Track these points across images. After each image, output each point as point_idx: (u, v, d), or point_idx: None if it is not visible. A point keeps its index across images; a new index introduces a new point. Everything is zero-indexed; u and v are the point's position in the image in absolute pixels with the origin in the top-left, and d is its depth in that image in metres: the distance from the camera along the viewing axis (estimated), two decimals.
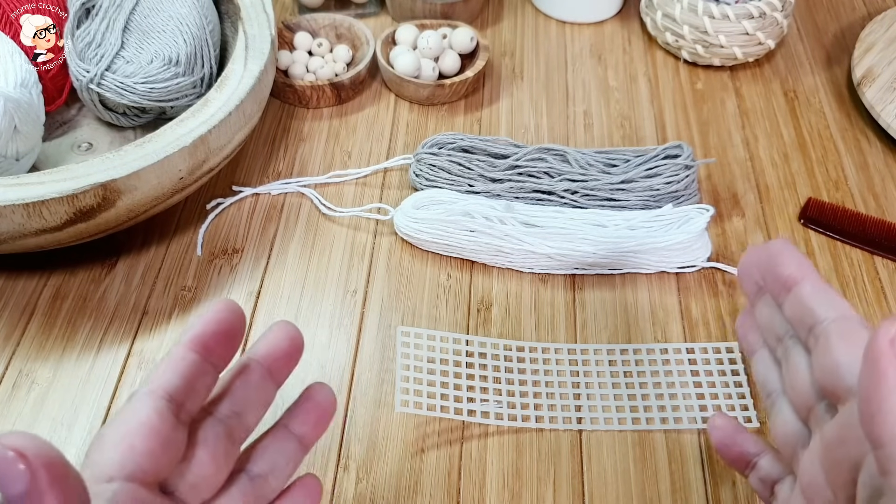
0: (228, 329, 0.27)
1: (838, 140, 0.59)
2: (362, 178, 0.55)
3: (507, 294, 0.49)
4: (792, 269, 0.28)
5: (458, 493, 0.40)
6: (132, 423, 0.25)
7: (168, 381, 0.26)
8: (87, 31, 0.52)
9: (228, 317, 0.27)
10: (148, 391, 0.26)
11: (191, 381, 0.26)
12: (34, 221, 0.42)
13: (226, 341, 0.27)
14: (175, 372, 0.26)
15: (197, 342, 0.26)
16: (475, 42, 0.62)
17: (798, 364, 0.28)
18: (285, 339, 0.29)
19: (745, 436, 0.35)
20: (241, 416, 0.28)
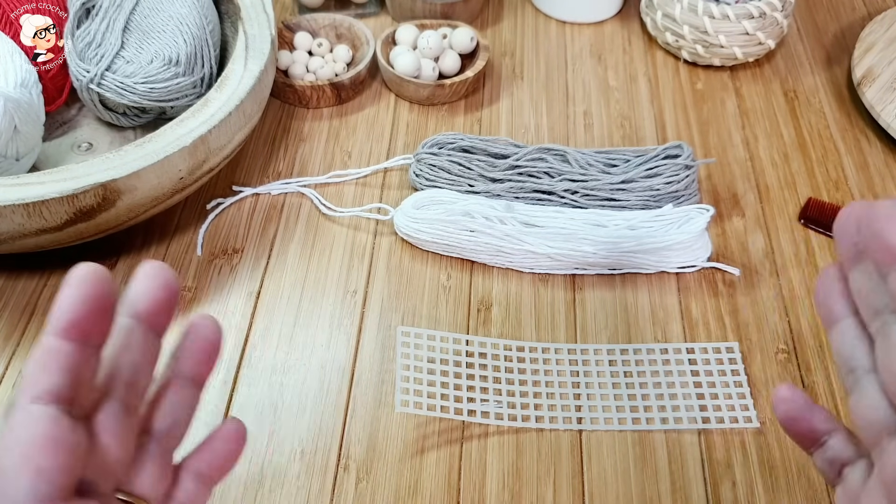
0: (100, 304, 0.23)
1: (838, 140, 0.59)
2: (362, 178, 0.55)
3: (507, 294, 0.49)
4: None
5: (458, 493, 0.40)
6: (30, 441, 0.22)
7: (51, 382, 0.22)
8: (87, 31, 0.52)
9: (97, 289, 0.23)
10: (32, 398, 0.22)
11: (76, 374, 0.23)
12: (34, 221, 0.42)
13: (100, 318, 0.23)
14: (56, 369, 0.22)
15: (70, 328, 0.23)
16: (475, 42, 0.62)
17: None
18: (159, 284, 0.25)
19: (816, 410, 0.31)
20: (133, 384, 0.25)
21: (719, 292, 0.49)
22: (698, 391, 0.44)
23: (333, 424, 0.43)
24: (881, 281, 0.26)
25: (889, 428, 0.26)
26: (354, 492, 0.40)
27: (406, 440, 0.42)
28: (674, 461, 0.42)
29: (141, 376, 0.26)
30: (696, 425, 0.43)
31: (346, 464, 0.41)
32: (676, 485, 0.41)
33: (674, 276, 0.50)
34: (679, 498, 0.40)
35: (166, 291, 0.25)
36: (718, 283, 0.50)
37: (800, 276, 0.50)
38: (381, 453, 0.42)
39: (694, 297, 0.49)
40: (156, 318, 0.26)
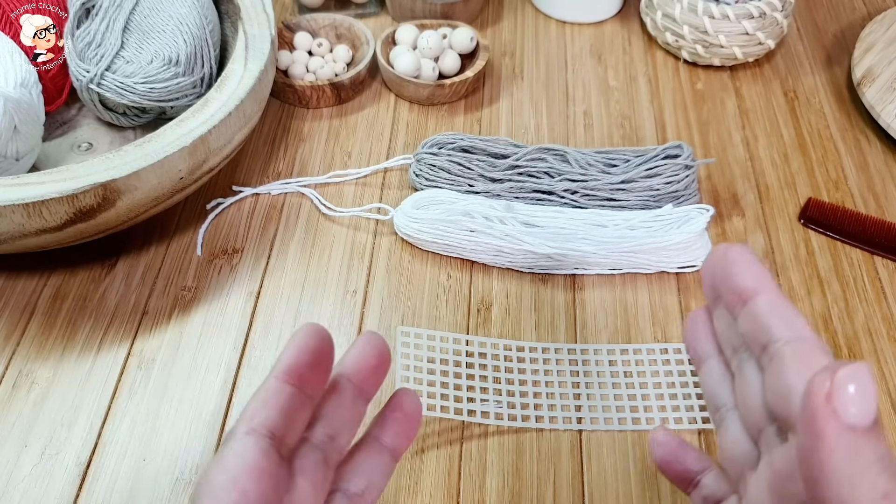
0: (320, 357, 0.26)
1: (838, 140, 0.59)
2: (362, 178, 0.55)
3: (507, 294, 0.49)
4: (749, 280, 0.26)
5: (458, 493, 0.40)
6: (240, 466, 0.24)
7: (268, 417, 0.25)
8: (87, 31, 0.52)
9: (318, 344, 0.26)
10: (248, 430, 0.25)
11: (289, 415, 0.25)
12: (34, 221, 0.42)
13: (318, 369, 0.26)
14: (273, 407, 0.25)
15: (291, 373, 0.25)
16: (475, 42, 0.62)
17: (751, 381, 0.26)
18: (373, 353, 0.29)
19: (689, 451, 0.32)
20: (334, 438, 0.28)
21: None
22: (698, 391, 0.44)
23: None
24: (735, 321, 0.27)
25: (750, 462, 0.27)
26: None
27: None
28: None
29: (344, 434, 0.28)
30: (696, 425, 0.43)
31: None
32: None
33: (674, 276, 0.50)
34: (679, 498, 0.40)
35: (379, 360, 0.28)
36: None
37: (800, 276, 0.50)
38: None
39: (694, 297, 0.49)
40: (365, 382, 0.28)
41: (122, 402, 0.43)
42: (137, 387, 0.44)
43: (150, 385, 0.44)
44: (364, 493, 0.29)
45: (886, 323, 0.48)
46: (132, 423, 0.42)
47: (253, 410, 0.25)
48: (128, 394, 0.43)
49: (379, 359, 0.28)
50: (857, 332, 0.47)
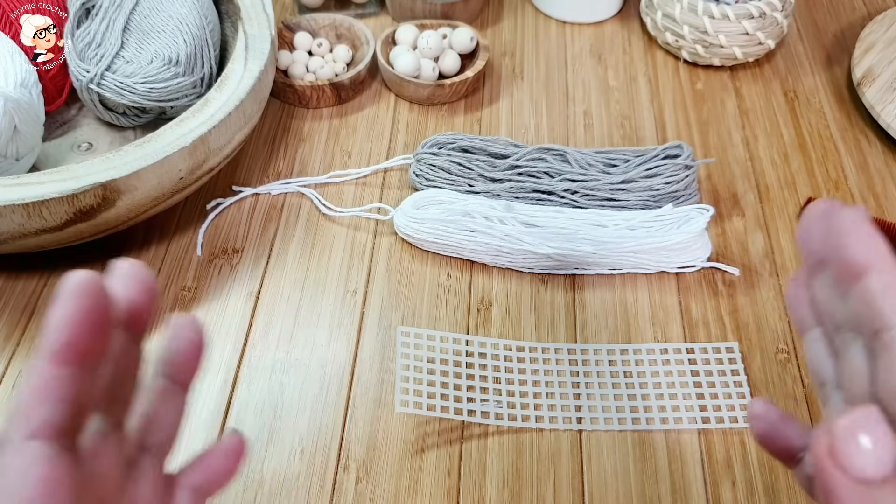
0: (97, 317, 0.21)
1: (838, 140, 0.59)
2: (362, 178, 0.55)
3: (507, 294, 0.49)
4: (863, 253, 0.22)
5: (458, 493, 0.40)
6: (26, 486, 0.19)
7: (47, 414, 0.20)
8: (87, 31, 0.52)
9: (91, 301, 0.21)
10: (27, 435, 0.20)
11: (74, 403, 0.20)
12: (34, 221, 0.42)
13: (98, 334, 0.21)
14: (51, 400, 0.20)
15: (65, 351, 0.20)
16: (475, 42, 0.62)
17: (858, 367, 0.24)
18: (139, 288, 0.24)
19: (791, 425, 0.29)
20: (116, 397, 0.24)
21: (719, 292, 0.49)
22: (698, 391, 0.44)
23: (333, 424, 0.43)
24: (842, 296, 0.24)
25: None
26: (354, 491, 0.40)
27: (406, 440, 0.42)
28: (674, 461, 0.42)
29: (125, 387, 0.24)
30: (696, 425, 0.43)
31: (346, 463, 0.41)
32: (676, 485, 0.41)
33: (674, 276, 0.50)
34: (679, 498, 0.40)
35: (145, 293, 0.24)
36: (718, 283, 0.50)
37: None
38: (380, 453, 0.42)
39: (694, 297, 0.49)
40: (135, 323, 0.24)
41: None
42: None
43: None
44: (163, 442, 0.26)
45: None
46: None
47: (28, 407, 0.20)
48: None
49: (142, 288, 0.24)
50: None
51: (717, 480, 0.41)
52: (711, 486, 0.41)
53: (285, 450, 0.42)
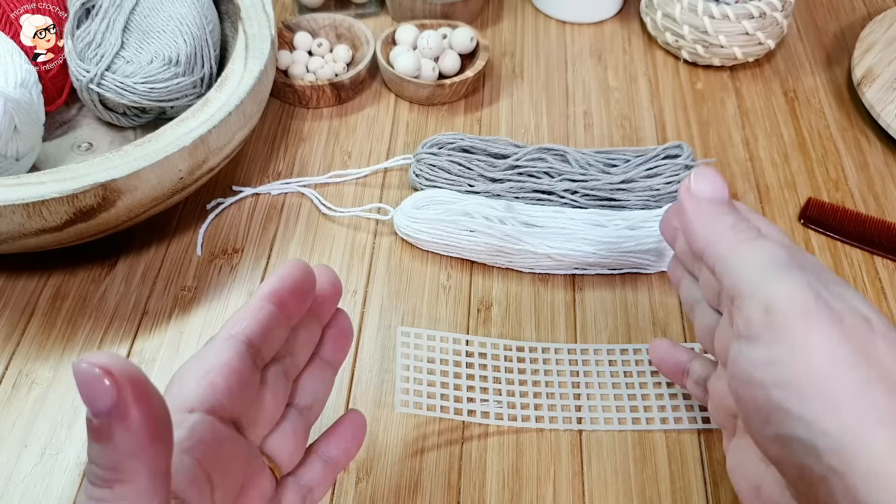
0: (303, 287, 0.29)
1: (838, 140, 0.59)
2: (362, 178, 0.55)
3: (507, 294, 0.49)
4: (702, 235, 0.32)
5: (458, 493, 0.40)
6: (213, 362, 0.26)
7: (248, 327, 0.28)
8: (87, 31, 0.52)
9: (303, 276, 0.29)
10: (228, 335, 0.27)
11: (267, 331, 0.28)
12: (34, 221, 0.42)
13: (299, 298, 0.29)
14: (255, 320, 0.28)
15: (275, 296, 0.28)
16: (475, 42, 0.62)
17: (707, 278, 0.34)
18: (327, 282, 0.32)
19: (679, 348, 0.40)
20: (294, 356, 0.30)
21: None
22: None
23: None
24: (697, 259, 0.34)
25: (711, 326, 0.34)
26: (354, 491, 0.40)
27: (406, 440, 0.42)
28: (674, 461, 0.42)
29: (301, 351, 0.31)
30: (696, 425, 0.43)
31: None
32: (676, 485, 0.41)
33: None
34: (679, 498, 0.40)
35: (333, 289, 0.32)
36: None
37: None
38: (381, 453, 0.42)
39: None
40: (322, 309, 0.31)
41: None
42: None
43: None
44: (312, 405, 0.31)
45: None
46: None
47: (235, 321, 0.28)
48: None
49: (333, 287, 0.32)
50: None
51: (716, 480, 0.41)
52: (711, 486, 0.41)
53: None
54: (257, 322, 0.28)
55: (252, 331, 0.28)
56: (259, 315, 0.28)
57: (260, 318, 0.28)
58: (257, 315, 0.28)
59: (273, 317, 0.28)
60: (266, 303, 0.28)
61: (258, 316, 0.28)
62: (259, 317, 0.28)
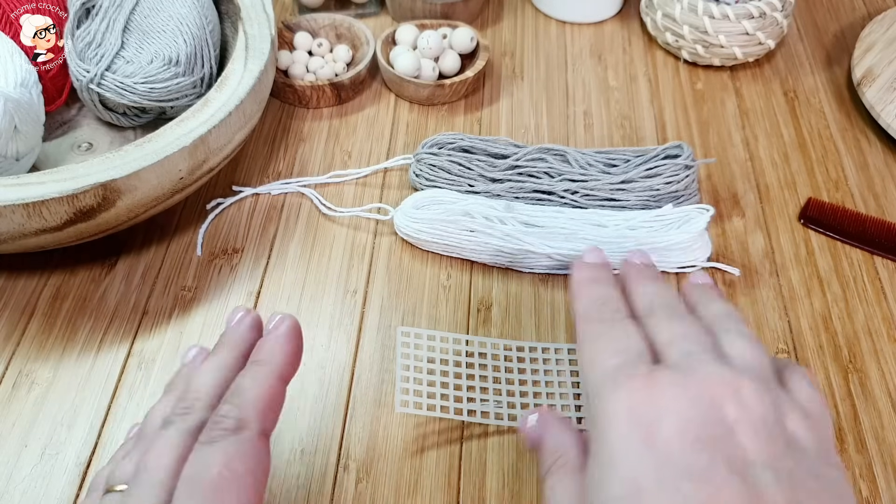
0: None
1: (838, 140, 0.59)
2: (362, 178, 0.55)
3: (507, 294, 0.49)
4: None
5: (458, 493, 0.40)
6: (259, 466, 0.29)
7: (274, 421, 0.31)
8: (87, 31, 0.52)
9: (301, 343, 0.34)
10: (261, 431, 0.29)
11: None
12: (34, 221, 0.42)
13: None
14: (278, 411, 0.31)
15: (289, 377, 0.32)
16: (475, 42, 0.62)
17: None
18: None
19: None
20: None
21: None
22: None
23: (333, 424, 0.43)
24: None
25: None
26: (354, 491, 0.40)
27: (406, 440, 0.42)
28: None
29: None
30: None
31: (346, 464, 0.41)
32: None
33: (674, 276, 0.50)
34: None
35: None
36: (718, 283, 0.50)
37: (800, 276, 0.50)
38: (380, 453, 0.42)
39: None
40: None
41: (122, 402, 0.43)
42: (137, 387, 0.44)
43: (150, 385, 0.44)
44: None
45: (886, 323, 0.48)
46: (132, 424, 0.42)
47: (264, 412, 0.29)
48: (128, 394, 0.43)
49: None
50: (857, 332, 0.47)
51: None
52: None
53: (285, 450, 0.42)
54: (279, 412, 0.31)
55: (275, 424, 0.31)
56: (281, 404, 0.31)
57: (281, 406, 0.31)
58: (279, 404, 0.31)
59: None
60: (284, 387, 0.31)
61: (280, 405, 0.31)
62: (281, 405, 0.31)
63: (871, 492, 0.41)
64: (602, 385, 0.27)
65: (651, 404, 0.25)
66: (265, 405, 0.30)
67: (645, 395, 0.26)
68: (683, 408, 0.25)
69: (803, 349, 0.47)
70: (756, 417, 0.25)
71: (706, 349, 0.28)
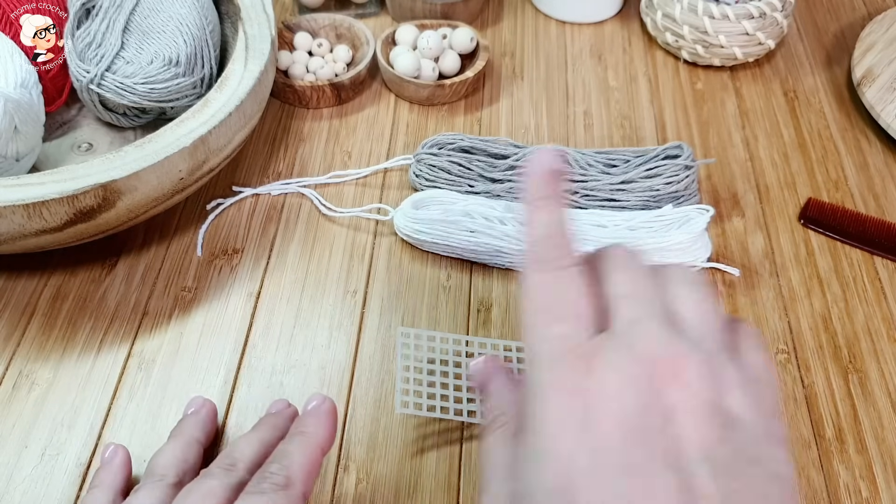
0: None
1: (838, 140, 0.59)
2: (362, 178, 0.55)
3: (507, 294, 0.49)
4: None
5: (458, 493, 0.40)
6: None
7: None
8: (87, 32, 0.52)
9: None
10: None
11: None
12: (34, 222, 0.42)
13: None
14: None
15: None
16: (475, 42, 0.62)
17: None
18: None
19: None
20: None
21: (719, 292, 0.49)
22: None
23: None
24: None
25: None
26: (354, 492, 0.40)
27: (406, 440, 0.42)
28: None
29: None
30: None
31: (346, 464, 0.41)
32: None
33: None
34: None
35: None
36: (718, 283, 0.50)
37: (800, 276, 0.50)
38: (380, 454, 0.42)
39: None
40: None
41: (123, 402, 0.43)
42: (138, 387, 0.44)
43: (150, 386, 0.44)
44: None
45: (886, 323, 0.48)
46: (132, 424, 0.42)
47: (307, 476, 0.33)
48: (128, 394, 0.43)
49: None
50: (857, 333, 0.47)
51: None
52: None
53: None
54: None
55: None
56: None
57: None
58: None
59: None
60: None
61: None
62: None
63: (871, 492, 0.41)
64: (541, 353, 0.26)
65: (590, 386, 0.24)
66: (309, 470, 0.33)
67: (584, 374, 0.25)
68: (623, 392, 0.24)
69: (803, 349, 0.47)
70: (697, 402, 0.24)
71: (654, 313, 0.26)
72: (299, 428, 0.35)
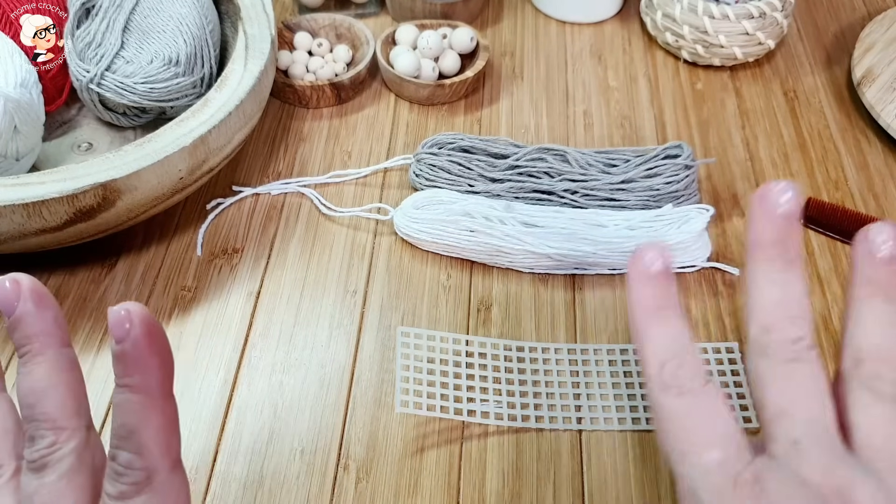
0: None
1: (838, 140, 0.59)
2: (362, 178, 0.55)
3: (507, 294, 0.49)
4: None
5: (458, 493, 0.40)
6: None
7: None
8: (87, 31, 0.52)
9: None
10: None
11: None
12: (34, 221, 0.42)
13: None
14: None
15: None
16: (475, 42, 0.62)
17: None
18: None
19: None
20: None
21: (719, 292, 0.49)
22: None
23: (333, 424, 0.43)
24: None
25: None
26: (354, 492, 0.40)
27: (406, 440, 0.42)
28: None
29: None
30: None
31: (346, 464, 0.41)
32: None
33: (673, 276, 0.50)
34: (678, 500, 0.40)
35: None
36: (718, 283, 0.50)
37: None
38: (380, 453, 0.42)
39: (694, 297, 0.49)
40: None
41: None
42: None
43: None
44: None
45: None
46: None
47: (167, 444, 0.25)
48: None
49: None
50: None
51: None
52: None
53: (285, 450, 0.42)
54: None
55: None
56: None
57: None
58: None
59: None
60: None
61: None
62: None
63: None
64: (705, 485, 0.24)
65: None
66: (165, 437, 0.25)
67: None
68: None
69: None
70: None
71: (819, 432, 0.23)
72: (123, 380, 0.24)
